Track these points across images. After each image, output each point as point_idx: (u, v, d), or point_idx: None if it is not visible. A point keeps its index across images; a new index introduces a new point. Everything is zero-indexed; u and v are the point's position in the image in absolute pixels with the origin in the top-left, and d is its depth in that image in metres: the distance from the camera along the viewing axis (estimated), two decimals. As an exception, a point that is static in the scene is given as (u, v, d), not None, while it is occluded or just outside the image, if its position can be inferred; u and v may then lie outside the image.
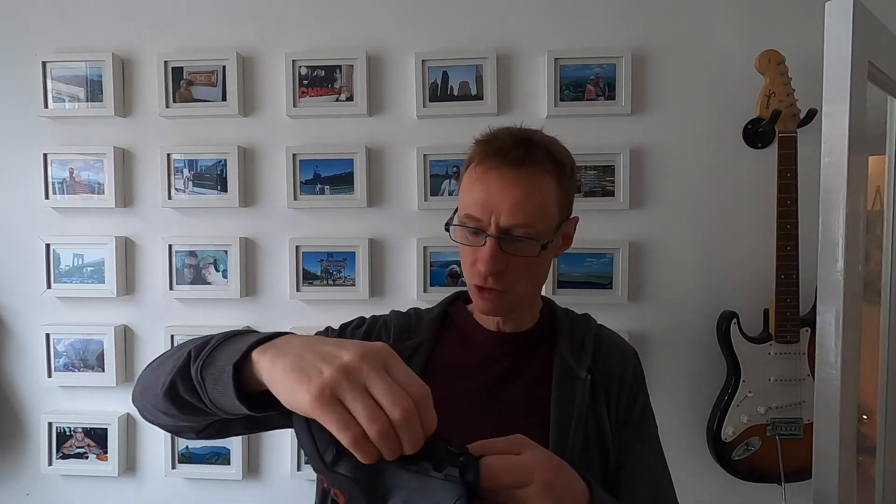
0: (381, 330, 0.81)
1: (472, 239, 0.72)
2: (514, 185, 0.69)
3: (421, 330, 0.80)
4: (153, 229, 1.49)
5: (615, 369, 0.77)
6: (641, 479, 0.73)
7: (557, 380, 0.74)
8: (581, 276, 1.41)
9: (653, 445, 0.77)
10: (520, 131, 0.74)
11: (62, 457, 1.51)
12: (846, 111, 0.80)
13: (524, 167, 0.69)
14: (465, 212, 0.72)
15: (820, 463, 0.84)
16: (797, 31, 1.33)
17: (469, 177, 0.73)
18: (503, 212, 0.68)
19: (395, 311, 0.84)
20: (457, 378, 0.76)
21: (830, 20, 0.81)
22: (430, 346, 0.78)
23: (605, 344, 0.80)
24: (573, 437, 0.70)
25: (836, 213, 0.81)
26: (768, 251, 1.29)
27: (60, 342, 1.49)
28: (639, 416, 0.77)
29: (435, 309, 0.83)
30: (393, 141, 1.44)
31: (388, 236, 1.45)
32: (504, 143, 0.70)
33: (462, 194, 0.74)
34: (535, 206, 0.69)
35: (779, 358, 1.29)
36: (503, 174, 0.69)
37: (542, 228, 0.70)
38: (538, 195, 0.70)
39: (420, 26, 1.42)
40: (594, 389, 0.74)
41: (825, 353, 0.84)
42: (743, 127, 1.37)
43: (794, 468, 1.28)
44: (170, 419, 0.58)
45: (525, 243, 0.69)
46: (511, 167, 0.69)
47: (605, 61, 1.38)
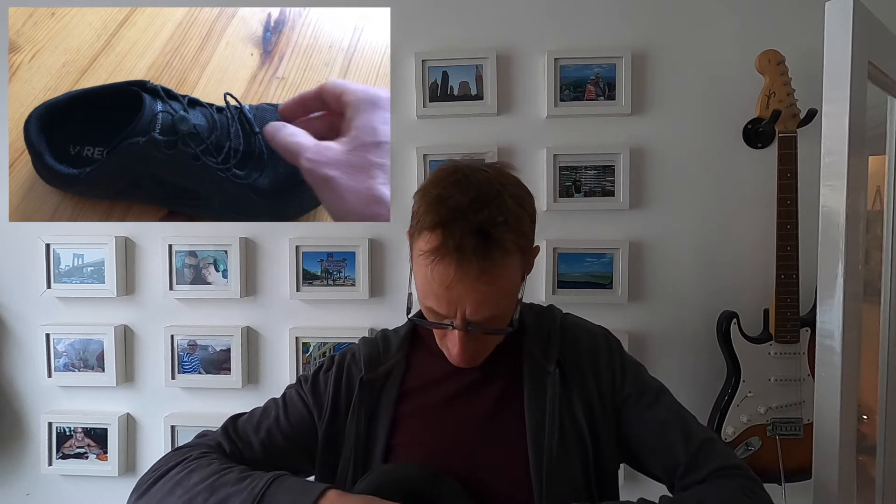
0: (351, 366, 0.79)
1: (436, 323, 0.70)
2: (479, 286, 0.63)
3: (391, 353, 0.79)
4: (153, 229, 1.49)
5: (584, 353, 0.76)
6: (669, 434, 0.72)
7: (528, 378, 0.74)
8: (581, 276, 1.41)
9: (664, 401, 0.75)
10: (477, 221, 0.62)
11: (62, 457, 1.51)
12: (846, 111, 0.80)
13: (488, 267, 0.62)
14: (426, 302, 0.67)
15: (820, 463, 0.84)
16: (797, 31, 1.33)
17: (423, 268, 0.64)
18: (468, 307, 0.64)
19: (363, 340, 0.83)
20: (432, 390, 0.76)
21: (830, 20, 0.81)
22: (402, 369, 0.78)
23: (571, 331, 0.79)
24: (549, 434, 0.70)
25: (837, 213, 0.81)
26: (768, 251, 1.29)
27: (60, 342, 1.49)
28: (635, 389, 0.76)
29: (402, 328, 0.83)
30: (393, 141, 1.44)
31: (388, 236, 1.45)
32: (463, 245, 0.61)
33: (417, 276, 0.67)
34: (501, 297, 0.66)
35: (779, 358, 1.29)
36: (465, 278, 0.62)
37: (508, 312, 0.68)
38: (504, 288, 0.66)
39: (419, 26, 1.42)
40: (565, 381, 0.74)
41: (825, 353, 0.84)
42: (743, 127, 1.37)
43: (794, 468, 1.28)
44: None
45: (494, 330, 0.68)
46: (475, 271, 0.62)
47: (605, 61, 1.38)
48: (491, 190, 0.65)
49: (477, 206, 0.63)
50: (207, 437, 0.77)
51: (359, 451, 0.73)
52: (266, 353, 1.49)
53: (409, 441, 0.73)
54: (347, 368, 0.79)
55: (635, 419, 0.74)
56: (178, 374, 1.47)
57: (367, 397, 0.75)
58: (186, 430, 1.48)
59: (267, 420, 0.77)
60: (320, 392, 0.78)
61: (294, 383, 0.82)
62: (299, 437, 0.76)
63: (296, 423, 0.76)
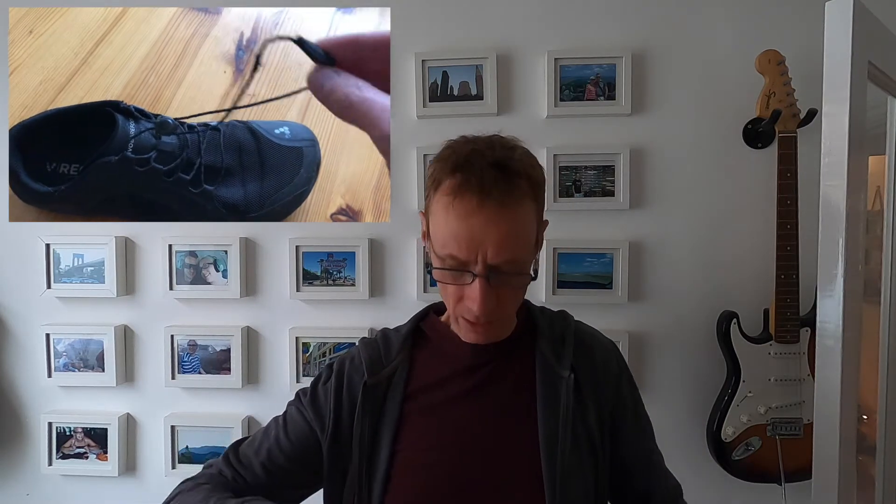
0: (352, 373, 0.76)
1: (455, 278, 0.67)
2: (499, 221, 0.63)
3: (392, 355, 0.77)
4: (153, 229, 1.49)
5: (599, 365, 0.77)
6: (653, 464, 0.80)
7: (541, 382, 0.73)
8: (581, 276, 1.41)
9: (650, 433, 0.81)
10: (494, 157, 0.65)
11: (62, 457, 1.51)
12: (846, 111, 0.80)
13: (508, 200, 0.64)
14: (445, 251, 0.65)
15: (820, 463, 0.84)
16: (797, 31, 1.33)
17: (444, 210, 0.65)
18: (490, 249, 0.63)
19: (362, 342, 0.81)
20: (439, 390, 0.74)
21: (830, 20, 0.81)
22: (405, 369, 0.76)
23: (587, 340, 0.79)
24: (562, 440, 0.69)
25: (837, 213, 0.81)
26: (768, 251, 1.29)
27: (60, 342, 1.49)
28: (633, 412, 0.78)
29: (404, 327, 0.81)
30: (393, 141, 1.44)
31: (388, 236, 1.45)
32: (483, 177, 0.63)
33: (437, 228, 0.67)
34: (522, 240, 0.66)
35: (779, 358, 1.29)
36: (486, 211, 0.63)
37: (528, 258, 0.68)
38: (523, 227, 0.66)
39: (419, 26, 1.42)
40: (578, 388, 0.73)
41: (825, 353, 0.84)
42: (743, 127, 1.37)
43: (794, 468, 1.28)
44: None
45: (515, 278, 0.67)
46: (495, 204, 0.63)
47: (605, 61, 1.38)
48: (505, 141, 0.69)
49: (493, 147, 0.67)
50: (212, 467, 0.76)
51: (365, 457, 0.71)
52: (266, 353, 1.49)
53: (417, 442, 0.72)
54: (348, 376, 0.76)
55: (628, 440, 0.77)
56: (178, 374, 1.47)
57: (371, 402, 0.73)
58: (186, 431, 1.48)
59: (267, 441, 0.76)
60: (320, 405, 0.76)
61: (294, 399, 0.80)
62: (301, 454, 0.75)
63: (297, 440, 0.75)
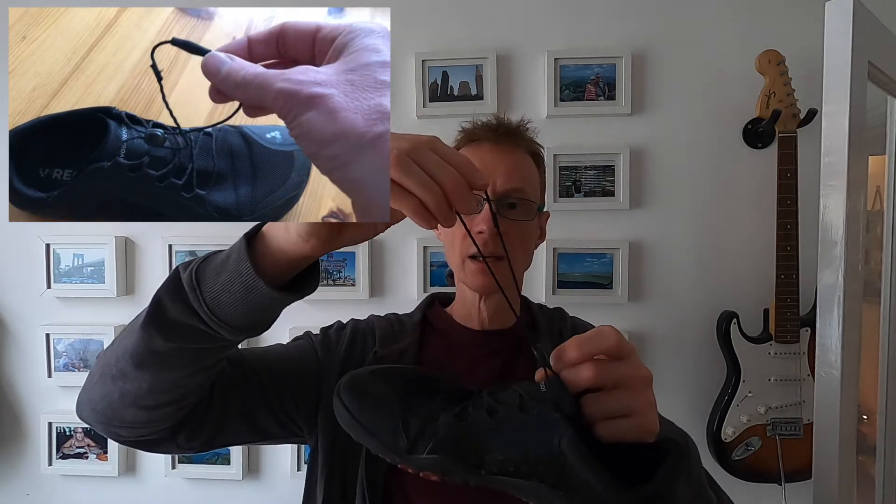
0: (367, 334, 0.77)
1: None
2: (507, 154, 0.73)
3: (405, 334, 0.77)
4: (153, 229, 1.49)
5: None
6: None
7: None
8: (581, 276, 1.41)
9: None
10: (505, 127, 0.77)
11: (62, 457, 1.51)
12: (846, 111, 0.80)
13: (516, 150, 0.75)
14: None
15: (820, 463, 0.84)
16: (797, 31, 1.33)
17: None
18: (499, 177, 0.71)
19: (374, 316, 0.81)
20: (447, 371, 0.74)
21: (830, 20, 0.81)
22: (415, 350, 0.76)
23: None
24: None
25: (837, 213, 0.81)
26: (768, 251, 1.29)
27: (60, 342, 1.49)
28: None
29: (415, 314, 0.81)
30: (393, 141, 1.44)
31: (388, 236, 1.45)
32: (497, 134, 0.75)
33: None
34: (527, 173, 0.74)
35: (779, 358, 1.29)
36: (495, 145, 0.74)
37: (533, 198, 0.74)
38: (528, 167, 0.75)
39: (419, 26, 1.42)
40: None
41: (825, 353, 0.84)
42: (743, 127, 1.37)
43: (794, 468, 1.28)
44: (143, 390, 0.53)
45: (521, 207, 0.72)
46: (502, 140, 0.74)
47: (605, 61, 1.38)
48: (511, 123, 0.79)
49: (503, 123, 0.78)
50: None
51: None
52: (266, 353, 1.49)
53: None
54: (362, 334, 0.76)
55: None
56: (178, 374, 1.47)
57: None
58: (186, 430, 1.48)
59: (264, 350, 0.73)
60: (331, 343, 0.74)
61: (300, 335, 0.77)
62: (298, 365, 0.71)
63: (298, 354, 0.72)
